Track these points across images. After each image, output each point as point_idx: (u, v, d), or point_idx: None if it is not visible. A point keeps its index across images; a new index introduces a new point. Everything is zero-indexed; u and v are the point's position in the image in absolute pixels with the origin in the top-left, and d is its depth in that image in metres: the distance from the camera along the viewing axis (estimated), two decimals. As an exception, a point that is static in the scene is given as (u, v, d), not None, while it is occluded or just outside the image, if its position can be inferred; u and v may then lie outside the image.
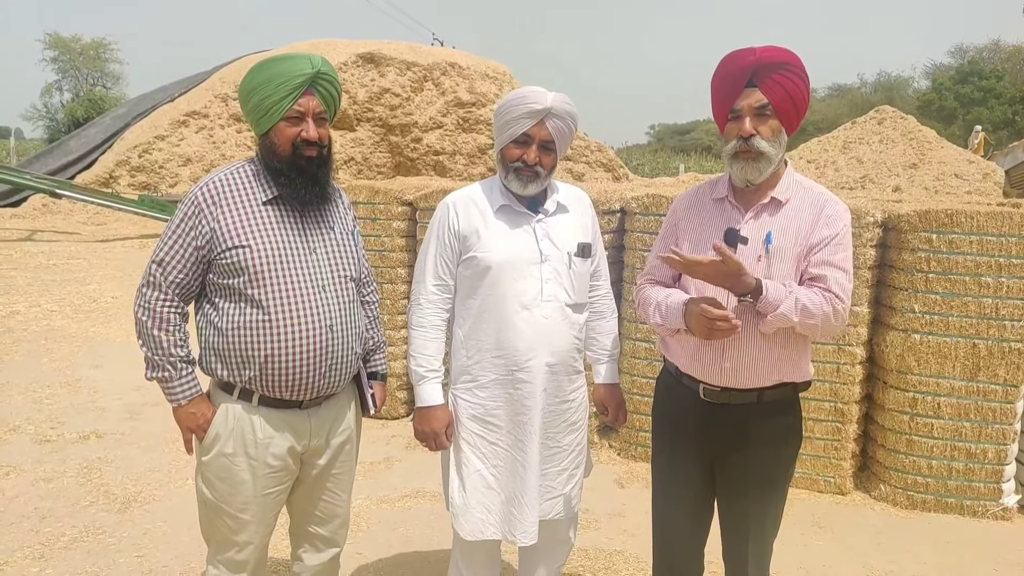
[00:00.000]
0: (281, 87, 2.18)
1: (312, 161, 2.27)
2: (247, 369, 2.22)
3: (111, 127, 17.52)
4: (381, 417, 5.30)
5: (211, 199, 2.22)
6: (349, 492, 2.56)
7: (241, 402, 2.28)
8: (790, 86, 2.19)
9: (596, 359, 2.71)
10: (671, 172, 27.69)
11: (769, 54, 2.18)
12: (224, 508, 2.31)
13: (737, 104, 2.21)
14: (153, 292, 2.23)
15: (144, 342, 2.25)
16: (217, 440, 2.28)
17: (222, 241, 2.19)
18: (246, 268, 2.19)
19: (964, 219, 3.93)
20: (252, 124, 2.28)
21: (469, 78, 17.76)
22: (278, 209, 2.27)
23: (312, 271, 2.28)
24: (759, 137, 2.20)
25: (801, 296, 2.13)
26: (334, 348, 2.29)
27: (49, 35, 37.90)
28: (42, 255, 10.61)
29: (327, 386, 2.32)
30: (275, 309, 2.20)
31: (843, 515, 4.10)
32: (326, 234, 2.35)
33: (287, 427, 2.31)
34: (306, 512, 2.50)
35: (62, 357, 6.38)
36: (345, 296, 2.34)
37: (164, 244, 2.22)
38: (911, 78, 47.79)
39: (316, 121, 2.25)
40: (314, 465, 2.42)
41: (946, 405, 4.06)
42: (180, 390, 2.27)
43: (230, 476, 2.28)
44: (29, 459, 4.42)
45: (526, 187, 2.45)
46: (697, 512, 2.47)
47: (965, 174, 15.06)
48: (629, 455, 4.74)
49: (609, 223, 4.72)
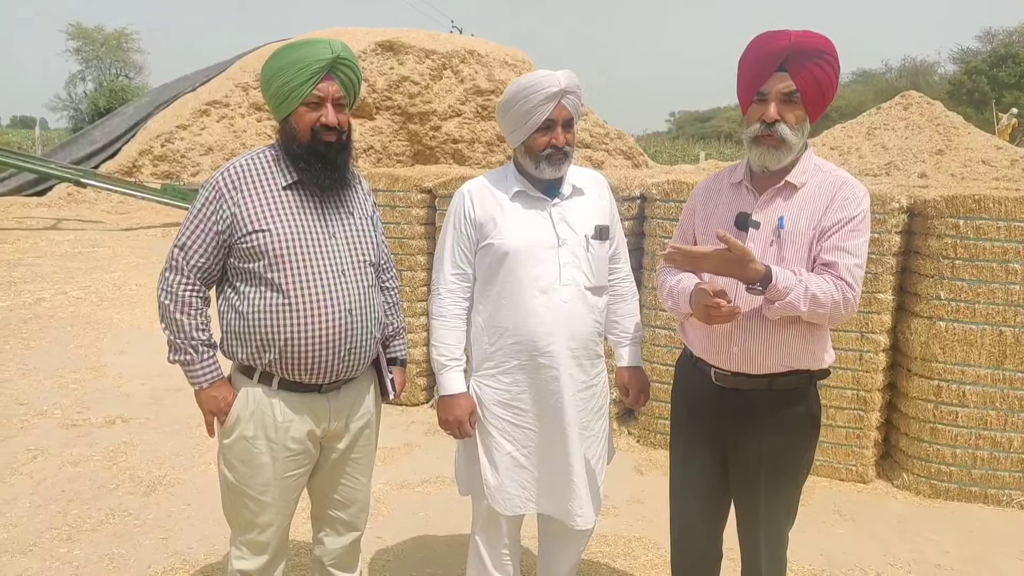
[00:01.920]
0: (301, 72, 2.19)
1: (332, 146, 2.28)
2: (267, 352, 2.24)
3: (134, 116, 17.67)
4: (401, 404, 5.33)
5: (232, 184, 2.24)
6: (368, 477, 2.58)
7: (261, 386, 2.31)
8: (821, 75, 2.14)
9: (618, 342, 2.70)
10: (691, 160, 27.48)
11: (804, 40, 2.13)
12: (245, 490, 2.34)
13: (765, 87, 2.17)
14: (176, 276, 2.25)
15: (167, 325, 2.28)
16: (238, 423, 2.30)
17: (243, 225, 2.21)
18: (266, 252, 2.21)
19: (992, 204, 3.87)
20: (272, 110, 2.29)
21: (488, 66, 17.70)
22: (298, 194, 2.29)
23: (332, 255, 2.29)
24: (783, 124, 2.15)
25: (811, 285, 2.09)
26: (353, 332, 2.30)
27: (72, 25, 38.26)
28: (67, 243, 10.74)
29: (346, 370, 2.33)
30: (295, 293, 2.22)
31: (865, 504, 4.07)
32: (345, 219, 2.36)
33: (306, 410, 2.33)
34: (326, 496, 2.52)
35: (88, 343, 6.46)
36: (364, 281, 2.35)
37: (186, 229, 2.25)
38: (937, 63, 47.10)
39: (335, 107, 2.26)
40: (333, 449, 2.44)
41: (971, 393, 4.02)
42: (202, 373, 2.29)
43: (251, 459, 2.31)
44: (56, 443, 4.49)
45: (559, 169, 2.45)
46: (713, 497, 2.47)
47: (993, 160, 14.82)
48: (648, 442, 4.73)
49: (629, 209, 4.70)
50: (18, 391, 5.31)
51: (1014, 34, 43.29)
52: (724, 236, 2.04)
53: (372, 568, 3.32)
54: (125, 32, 39.29)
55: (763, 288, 2.10)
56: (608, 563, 3.39)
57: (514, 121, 2.43)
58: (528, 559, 3.28)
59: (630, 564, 3.39)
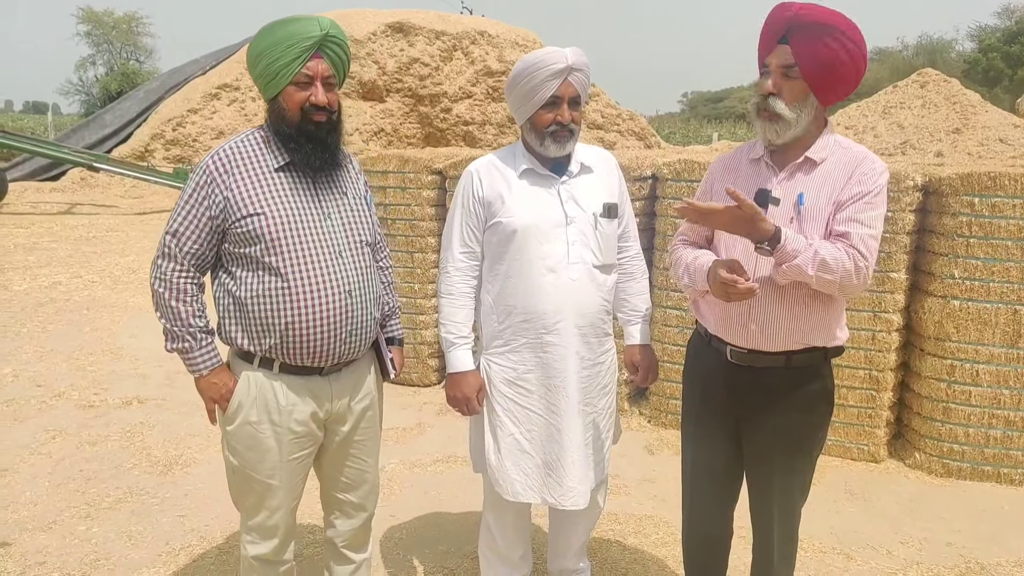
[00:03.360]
0: (290, 50, 2.14)
1: (322, 126, 2.23)
2: (268, 337, 2.22)
3: (145, 100, 17.70)
4: (413, 384, 5.36)
5: (223, 168, 2.20)
6: (375, 458, 2.57)
7: (262, 370, 2.28)
8: (824, 51, 2.07)
9: (627, 320, 2.70)
10: (704, 140, 27.29)
11: (806, 12, 2.07)
12: (253, 476, 2.33)
13: (768, 59, 2.15)
14: (169, 263, 2.21)
15: (163, 314, 2.25)
16: (240, 409, 2.28)
17: (237, 209, 2.18)
18: (262, 236, 2.18)
19: (1008, 182, 3.82)
20: (261, 89, 2.24)
21: (499, 46, 17.61)
22: (291, 175, 2.25)
23: (328, 237, 2.26)
24: (777, 98, 2.13)
25: (821, 250, 2.05)
26: (354, 313, 2.29)
27: (82, 9, 38.33)
28: (82, 228, 10.82)
29: (348, 352, 2.32)
30: (294, 276, 2.19)
31: (876, 482, 4.07)
32: (339, 199, 2.34)
33: (308, 393, 2.31)
34: (334, 479, 2.52)
35: (103, 326, 6.52)
36: (362, 261, 2.34)
37: (177, 215, 2.21)
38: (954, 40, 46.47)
39: (325, 85, 2.21)
40: (338, 432, 2.43)
41: (985, 372, 4.00)
42: (201, 360, 2.27)
43: (256, 444, 2.30)
44: (74, 423, 4.55)
45: (564, 147, 2.43)
46: (726, 475, 2.47)
47: (1010, 139, 14.64)
48: (659, 422, 4.74)
49: (640, 189, 4.68)
50: (35, 373, 5.37)
51: (1032, 10, 42.63)
52: (734, 192, 2.01)
53: (385, 546, 3.35)
54: (136, 16, 39.38)
55: (771, 248, 2.07)
56: (619, 540, 3.41)
57: (520, 97, 2.42)
58: (539, 536, 3.30)
59: (641, 542, 3.41)
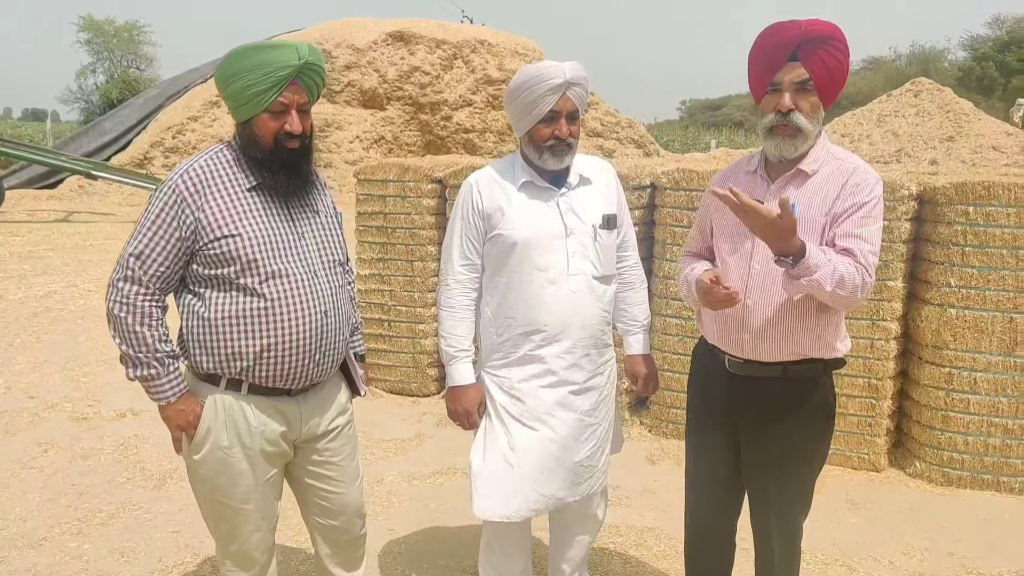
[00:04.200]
0: (266, 77, 2.07)
1: (295, 152, 2.18)
2: (240, 360, 2.15)
3: (144, 108, 17.73)
4: (412, 394, 5.34)
5: (193, 187, 2.11)
6: (355, 479, 2.50)
7: (230, 392, 2.20)
8: (832, 62, 2.15)
9: (627, 330, 2.69)
10: (702, 148, 27.38)
11: (815, 28, 2.13)
12: (226, 503, 2.25)
13: (777, 77, 2.17)
14: (131, 286, 2.11)
15: (123, 340, 2.13)
16: (209, 434, 2.20)
17: (210, 231, 2.10)
18: (237, 257, 2.11)
19: (1001, 191, 3.82)
20: (231, 110, 2.17)
21: (499, 55, 17.69)
22: (263, 195, 2.19)
23: (303, 257, 2.21)
24: (798, 112, 2.16)
25: (839, 266, 2.06)
26: (328, 334, 2.24)
27: (83, 17, 38.40)
28: (78, 236, 10.81)
29: (320, 373, 2.27)
30: (270, 298, 2.13)
31: (877, 492, 4.05)
32: (312, 219, 2.29)
33: (278, 414, 2.25)
34: (314, 505, 2.45)
35: (98, 336, 6.50)
36: (336, 280, 2.30)
37: (142, 236, 2.10)
38: (946, 49, 46.72)
39: (299, 112, 2.15)
40: (311, 454, 2.36)
41: (983, 380, 3.98)
42: (168, 387, 2.17)
43: (227, 469, 2.22)
44: (67, 436, 4.52)
45: (562, 160, 2.43)
46: (728, 485, 2.47)
47: (1003, 146, 14.72)
48: (660, 432, 4.72)
49: (639, 198, 4.67)
50: (28, 384, 5.34)
51: (1022, 20, 42.90)
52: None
53: (383, 560, 3.32)
54: (136, 24, 39.46)
55: (794, 263, 2.06)
56: (621, 553, 3.39)
57: (519, 111, 2.42)
58: (540, 549, 3.28)
59: (642, 554, 3.38)
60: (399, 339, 5.35)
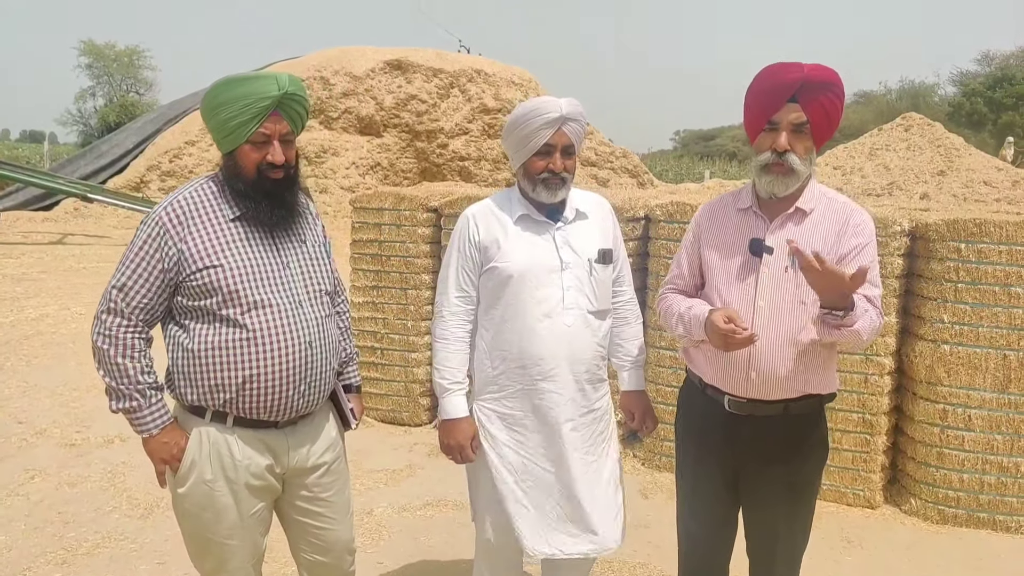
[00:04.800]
0: (246, 109, 2.08)
1: (279, 183, 2.18)
2: (223, 392, 2.13)
3: (142, 132, 17.77)
4: (404, 424, 5.30)
5: (176, 219, 2.12)
6: (345, 515, 2.46)
7: (215, 424, 2.19)
8: (830, 107, 2.19)
9: (621, 365, 2.68)
10: (696, 178, 27.53)
11: (817, 73, 2.16)
12: (211, 537, 2.22)
13: (776, 117, 2.19)
14: (115, 319, 2.11)
15: (107, 372, 2.14)
16: (194, 467, 2.17)
17: (192, 262, 2.10)
18: (219, 288, 2.10)
19: (993, 228, 3.85)
20: (215, 141, 2.18)
21: (495, 85, 17.82)
22: (247, 225, 2.19)
23: (288, 287, 2.20)
24: (793, 154, 2.18)
25: (873, 316, 2.13)
26: (313, 365, 2.22)
27: (84, 42, 38.64)
28: (72, 258, 10.77)
29: (306, 405, 2.24)
30: (252, 328, 2.12)
31: (873, 530, 4.02)
32: (298, 248, 2.28)
33: (264, 447, 2.23)
34: (303, 540, 2.42)
35: (88, 360, 6.43)
36: (322, 311, 2.28)
37: (126, 268, 2.11)
38: (936, 84, 47.30)
39: (283, 143, 2.16)
40: (299, 488, 2.33)
41: (977, 417, 3.97)
42: (151, 419, 2.16)
43: (212, 503, 2.19)
44: (55, 463, 4.47)
45: (556, 194, 2.44)
46: (723, 524, 2.46)
47: (994, 181, 14.85)
48: (653, 465, 4.69)
49: (633, 230, 4.68)
50: (17, 409, 5.29)
51: (1011, 57, 43.60)
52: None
53: (372, 593, 3.28)
54: (137, 49, 39.68)
55: (842, 315, 2.06)
56: (611, 589, 3.35)
57: (515, 144, 2.44)
58: (529, 585, 3.24)
59: (633, 590, 3.34)
60: (392, 368, 5.32)
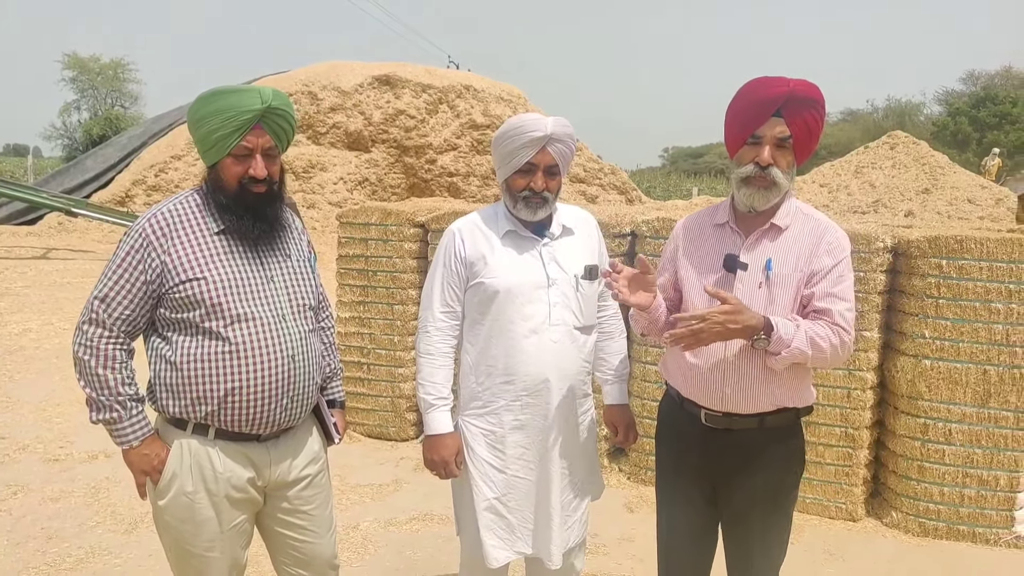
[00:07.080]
0: (228, 122, 2.09)
1: (261, 198, 2.18)
2: (204, 404, 2.13)
3: (128, 146, 17.68)
4: (390, 439, 5.30)
5: (160, 231, 2.12)
6: (328, 528, 2.46)
7: (196, 436, 2.18)
8: (813, 123, 2.22)
9: (605, 380, 2.70)
10: (684, 195, 27.71)
11: (802, 89, 2.18)
12: (190, 550, 2.21)
13: (760, 131, 2.21)
14: (96, 329, 2.12)
15: (87, 383, 2.14)
16: (175, 480, 2.17)
17: (175, 275, 2.10)
18: (202, 301, 2.10)
19: (974, 245, 3.91)
20: (200, 154, 2.19)
21: (484, 100, 17.89)
22: (231, 238, 2.19)
23: (271, 301, 2.20)
24: (775, 167, 2.20)
25: (809, 329, 2.13)
26: (296, 379, 2.22)
27: (68, 55, 38.43)
28: (56, 273, 10.71)
29: (288, 419, 2.25)
30: (235, 341, 2.12)
31: (854, 542, 4.05)
32: (282, 262, 2.28)
33: (246, 460, 2.23)
34: (285, 555, 2.41)
35: (72, 375, 6.35)
36: (305, 326, 2.28)
37: (108, 279, 2.11)
38: (922, 103, 47.92)
39: (265, 157, 2.16)
40: (281, 502, 2.33)
41: (957, 431, 4.02)
42: (131, 431, 2.15)
43: (192, 516, 2.18)
44: (38, 478, 4.44)
45: (536, 213, 2.45)
46: (702, 537, 2.46)
47: (978, 199, 15.02)
48: (639, 479, 4.70)
49: (620, 246, 4.72)
50: (0, 424, 5.25)
51: (995, 77, 44.26)
52: (715, 292, 2.07)
53: (356, 607, 3.27)
54: (122, 62, 39.52)
55: (767, 338, 2.11)
56: (595, 603, 3.36)
57: (500, 159, 2.46)
58: (514, 599, 3.24)
59: (617, 604, 3.35)
60: (378, 383, 5.33)
